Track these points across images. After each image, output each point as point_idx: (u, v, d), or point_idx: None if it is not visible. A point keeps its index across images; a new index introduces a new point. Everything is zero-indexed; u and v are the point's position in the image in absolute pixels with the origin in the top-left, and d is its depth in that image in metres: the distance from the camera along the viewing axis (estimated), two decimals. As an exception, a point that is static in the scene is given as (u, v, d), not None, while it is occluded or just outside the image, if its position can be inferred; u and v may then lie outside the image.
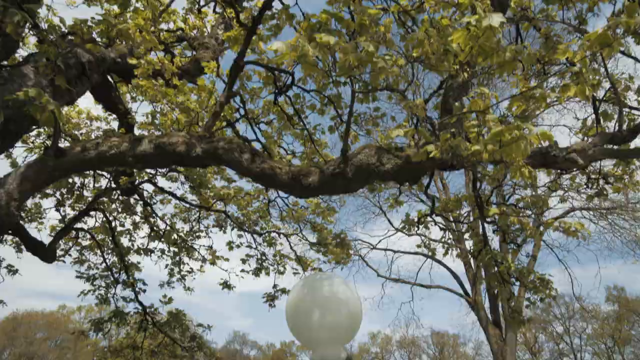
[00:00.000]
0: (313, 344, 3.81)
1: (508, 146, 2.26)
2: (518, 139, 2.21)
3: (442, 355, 56.43)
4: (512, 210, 4.06)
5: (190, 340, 9.26)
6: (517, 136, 2.20)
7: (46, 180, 4.68)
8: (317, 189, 4.29)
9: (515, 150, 2.28)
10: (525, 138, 2.22)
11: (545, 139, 2.27)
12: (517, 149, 2.26)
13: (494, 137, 2.27)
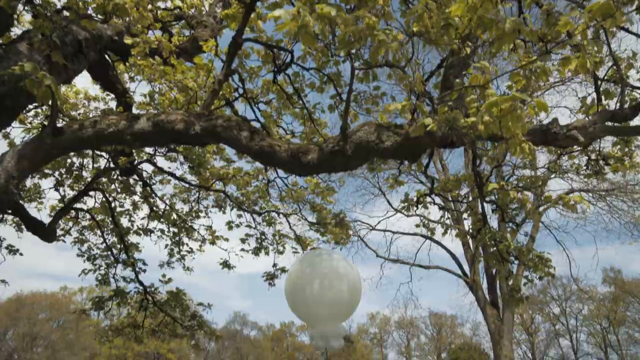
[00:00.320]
0: (312, 320, 3.85)
1: (504, 117, 2.24)
2: (513, 110, 2.19)
3: (440, 335, 57.13)
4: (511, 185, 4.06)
5: (190, 319, 9.34)
6: (513, 107, 2.17)
7: (44, 158, 4.66)
8: (316, 167, 4.28)
9: (511, 122, 2.26)
10: (521, 108, 2.20)
11: (540, 109, 2.24)
12: (513, 119, 2.24)
13: (489, 107, 2.25)
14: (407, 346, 57.64)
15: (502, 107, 2.21)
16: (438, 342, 56.62)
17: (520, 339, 54.01)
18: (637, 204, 15.38)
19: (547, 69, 2.51)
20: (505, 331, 16.04)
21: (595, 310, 49.97)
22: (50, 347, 54.99)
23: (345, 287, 3.70)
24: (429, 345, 57.79)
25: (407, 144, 3.86)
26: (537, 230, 17.16)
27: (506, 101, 2.19)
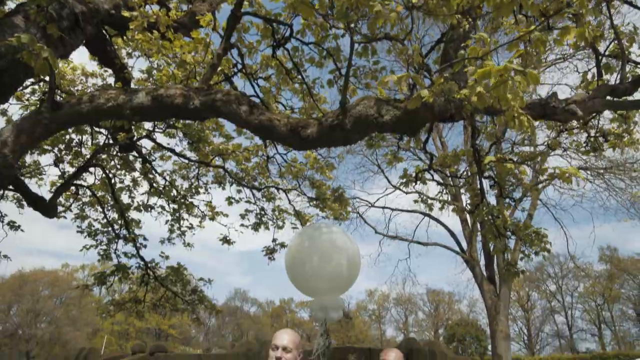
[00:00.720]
0: (312, 292, 3.91)
1: (496, 88, 2.24)
2: (506, 80, 2.19)
3: (438, 312, 57.96)
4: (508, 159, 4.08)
5: (191, 293, 9.46)
6: (506, 77, 2.17)
7: (43, 133, 4.65)
8: (315, 141, 4.28)
9: (504, 92, 2.26)
10: (514, 79, 2.20)
11: (532, 81, 2.24)
12: (504, 89, 2.24)
13: (482, 77, 2.25)
14: (405, 322, 58.53)
15: (495, 77, 2.22)
16: (435, 318, 57.47)
17: (517, 315, 54.92)
18: (635, 182, 15.43)
19: (544, 39, 2.50)
20: (501, 307, 16.27)
21: (591, 288, 50.68)
22: (54, 323, 55.81)
23: (344, 260, 3.75)
24: (427, 321, 58.69)
25: (406, 118, 3.86)
26: (534, 208, 17.25)
27: (499, 71, 2.20)
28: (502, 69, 2.37)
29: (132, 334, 53.89)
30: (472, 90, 2.39)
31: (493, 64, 2.53)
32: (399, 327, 57.60)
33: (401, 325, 57.95)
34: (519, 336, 54.63)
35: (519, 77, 2.20)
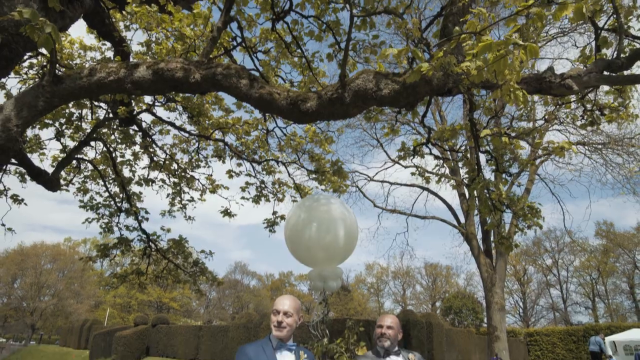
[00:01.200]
0: (311, 262, 4.02)
1: (496, 63, 2.29)
2: (505, 55, 2.23)
3: (435, 285, 58.84)
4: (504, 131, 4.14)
5: (193, 265, 9.63)
6: (505, 52, 2.22)
7: (46, 107, 4.70)
8: (315, 114, 4.34)
9: (503, 67, 2.31)
10: (513, 54, 2.25)
11: (532, 54, 2.29)
12: (504, 64, 2.29)
13: (482, 51, 2.29)
14: (403, 295, 59.45)
15: (495, 51, 2.26)
16: (433, 291, 58.38)
17: (513, 288, 55.83)
18: (632, 157, 15.50)
19: (543, 14, 2.53)
20: (497, 279, 16.57)
21: (586, 262, 51.40)
22: (57, 296, 56.71)
23: (342, 230, 3.85)
24: (424, 294, 59.63)
25: (404, 92, 3.91)
26: (532, 183, 17.37)
27: (499, 45, 2.24)
28: (501, 43, 2.41)
29: (134, 306, 54.78)
30: (471, 63, 2.45)
31: (491, 39, 2.57)
32: (397, 300, 58.57)
33: (399, 298, 58.90)
34: (514, 309, 55.68)
35: (519, 50, 2.25)
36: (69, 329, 44.43)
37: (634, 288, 49.65)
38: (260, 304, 58.69)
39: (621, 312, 50.95)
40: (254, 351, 2.52)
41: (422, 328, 22.37)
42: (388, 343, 3.06)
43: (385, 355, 3.07)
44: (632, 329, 28.50)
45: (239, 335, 24.77)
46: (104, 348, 32.25)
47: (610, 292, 51.92)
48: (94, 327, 38.64)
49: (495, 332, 16.10)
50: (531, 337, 37.09)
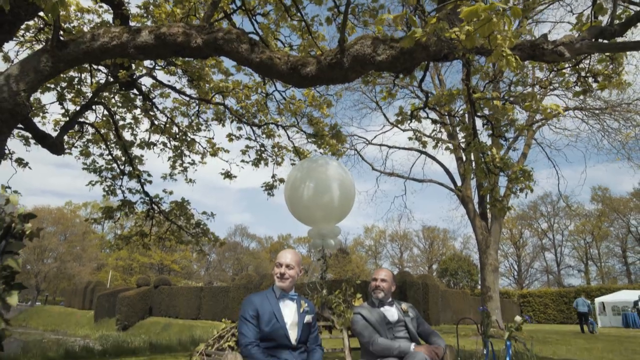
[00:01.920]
0: (310, 220, 4.23)
1: (481, 28, 2.40)
2: (490, 18, 2.34)
3: (432, 248, 59.82)
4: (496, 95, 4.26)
5: (195, 226, 9.89)
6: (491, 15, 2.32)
7: (51, 72, 4.79)
8: (314, 79, 4.46)
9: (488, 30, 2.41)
10: (499, 14, 2.35)
11: (515, 16, 2.40)
12: (489, 29, 2.39)
13: (469, 16, 2.39)
14: (400, 258, 60.50)
15: (482, 15, 2.37)
16: (430, 254, 59.41)
17: (508, 252, 56.90)
18: (629, 123, 15.57)
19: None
20: (492, 242, 16.93)
21: (581, 226, 52.20)
22: (59, 259, 57.64)
23: (339, 190, 4.03)
24: (421, 257, 60.71)
25: (401, 57, 4.02)
26: (529, 147, 17.49)
27: (485, 9, 2.35)
28: (488, 7, 2.52)
29: (135, 269, 55.77)
30: (461, 29, 2.56)
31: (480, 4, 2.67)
32: (394, 263, 59.63)
33: (396, 261, 59.96)
34: (509, 272, 56.91)
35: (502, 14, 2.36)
36: (73, 290, 45.47)
37: (627, 252, 50.63)
38: (259, 266, 59.75)
39: (612, 275, 52.14)
40: (259, 300, 2.75)
41: (418, 289, 23.04)
42: (382, 294, 3.30)
43: (379, 305, 3.31)
44: (621, 290, 29.31)
45: (239, 296, 25.46)
46: (108, 308, 33.16)
47: (603, 255, 53.00)
48: (97, 289, 39.58)
49: (488, 292, 16.58)
50: (524, 298, 38.15)
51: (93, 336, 21.43)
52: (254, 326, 2.62)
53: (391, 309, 3.32)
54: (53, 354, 9.26)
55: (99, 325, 31.23)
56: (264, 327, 2.63)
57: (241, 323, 2.66)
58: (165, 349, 10.92)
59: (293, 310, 2.77)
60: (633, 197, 48.69)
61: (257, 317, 2.65)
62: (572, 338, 15.01)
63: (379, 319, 3.20)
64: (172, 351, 10.53)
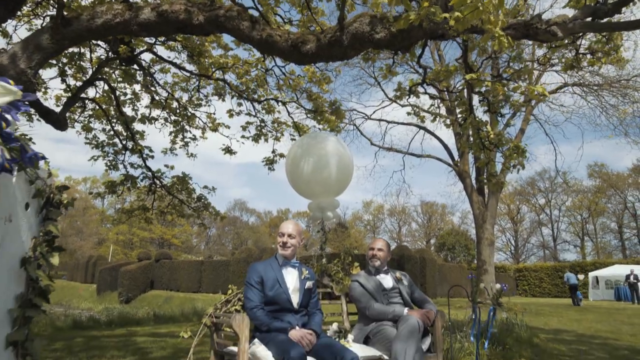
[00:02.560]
0: (310, 194, 4.41)
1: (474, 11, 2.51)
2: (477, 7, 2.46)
3: (430, 223, 60.38)
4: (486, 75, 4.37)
5: (196, 201, 10.07)
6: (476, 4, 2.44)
7: (56, 49, 4.87)
8: (314, 56, 4.56)
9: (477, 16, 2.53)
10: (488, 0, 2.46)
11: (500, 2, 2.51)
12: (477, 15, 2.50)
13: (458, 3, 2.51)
14: (399, 232, 61.12)
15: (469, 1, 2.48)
16: (428, 228, 59.99)
17: (506, 227, 57.49)
18: (627, 99, 15.63)
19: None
20: (488, 216, 17.21)
21: (578, 202, 52.63)
22: (61, 234, 58.01)
23: (338, 165, 4.20)
24: (420, 231, 61.33)
25: (399, 36, 4.12)
26: (527, 123, 17.60)
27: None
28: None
29: (136, 243, 56.33)
30: (452, 14, 2.68)
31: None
32: (393, 237, 60.23)
33: (395, 235, 60.57)
34: (506, 246, 57.65)
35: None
36: (75, 264, 45.99)
37: (622, 227, 51.20)
38: (259, 240, 60.34)
39: (608, 250, 52.85)
40: (263, 267, 2.96)
41: (416, 263, 23.44)
42: (378, 263, 3.51)
43: (375, 273, 3.53)
44: (614, 265, 29.84)
45: (239, 269, 25.88)
46: (110, 282, 33.67)
47: (599, 231, 53.62)
48: (99, 263, 40.05)
49: (484, 265, 16.94)
50: (520, 272, 38.82)
51: (96, 309, 21.89)
52: (259, 291, 2.84)
53: (386, 277, 3.53)
54: (61, 324, 9.56)
55: (101, 299, 31.78)
56: (267, 292, 2.85)
57: (247, 288, 2.87)
58: (168, 319, 11.26)
59: (295, 277, 2.99)
60: (632, 173, 48.95)
61: (261, 283, 2.86)
62: (564, 310, 15.43)
63: (375, 286, 3.41)
64: (175, 322, 10.86)
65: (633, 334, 8.40)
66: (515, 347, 5.44)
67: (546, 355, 5.63)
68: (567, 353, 6.07)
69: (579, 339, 7.73)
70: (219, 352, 2.95)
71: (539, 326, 9.64)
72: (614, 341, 7.47)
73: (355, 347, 2.92)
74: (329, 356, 2.64)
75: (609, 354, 6.10)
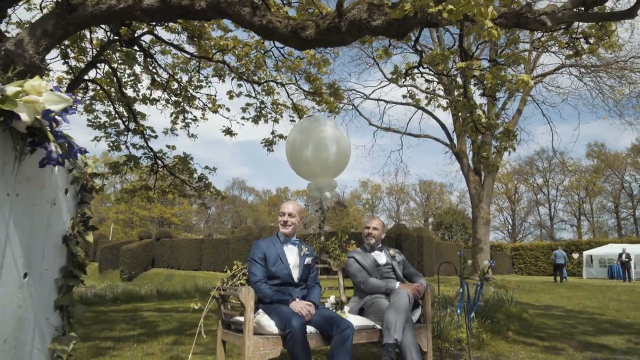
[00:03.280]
0: (309, 175, 4.62)
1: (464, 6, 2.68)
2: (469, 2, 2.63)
3: (429, 202, 60.77)
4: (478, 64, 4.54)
5: (198, 180, 10.29)
6: None
7: (62, 34, 5.02)
8: (313, 42, 4.73)
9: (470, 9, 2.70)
10: None
11: None
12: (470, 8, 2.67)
13: None
14: (397, 211, 61.55)
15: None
16: (426, 207, 60.40)
17: (503, 206, 57.96)
18: (624, 81, 15.73)
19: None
20: (484, 196, 17.48)
21: (576, 182, 52.97)
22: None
23: (336, 148, 4.41)
24: (418, 210, 61.74)
25: (395, 23, 4.27)
26: (524, 104, 17.73)
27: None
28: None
29: (136, 222, 56.70)
30: (445, 7, 2.85)
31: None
32: (391, 216, 60.68)
33: (393, 214, 61.01)
34: (504, 225, 58.21)
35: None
36: (76, 242, 46.32)
37: (619, 207, 51.66)
38: (258, 219, 60.77)
39: (604, 230, 53.42)
40: (265, 244, 3.20)
41: (413, 241, 23.81)
42: (373, 241, 3.76)
43: (370, 250, 3.78)
44: (608, 244, 30.30)
45: (239, 248, 26.26)
46: (112, 260, 34.13)
47: (596, 210, 54.12)
48: (100, 242, 40.47)
49: (479, 244, 17.29)
50: (516, 251, 39.36)
51: (99, 286, 22.29)
52: (262, 266, 3.08)
53: (381, 253, 3.78)
54: (67, 299, 9.83)
55: (103, 276, 32.26)
56: (270, 268, 3.09)
57: (251, 264, 3.11)
58: (171, 296, 11.58)
59: (295, 254, 3.23)
60: (631, 153, 49.16)
61: (264, 259, 3.11)
62: (556, 287, 15.82)
63: (370, 262, 3.66)
64: (177, 298, 11.18)
65: (618, 310, 8.73)
66: (503, 321, 5.73)
67: (533, 329, 5.92)
68: (553, 327, 6.37)
69: (567, 314, 8.05)
70: (226, 321, 3.21)
71: (530, 302, 9.97)
72: (600, 316, 7.79)
73: (351, 318, 3.17)
74: (326, 325, 2.92)
75: (593, 327, 6.41)
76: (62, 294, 1.43)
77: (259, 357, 2.71)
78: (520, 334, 5.39)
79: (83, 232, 1.50)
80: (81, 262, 1.49)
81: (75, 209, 1.50)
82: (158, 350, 4.37)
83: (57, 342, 1.40)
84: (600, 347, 4.90)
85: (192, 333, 5.18)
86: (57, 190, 1.38)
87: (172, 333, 5.32)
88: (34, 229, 1.27)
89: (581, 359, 4.31)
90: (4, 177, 1.13)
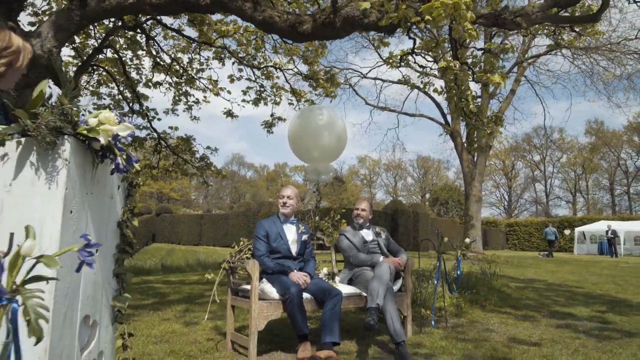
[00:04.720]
0: (308, 159, 5.10)
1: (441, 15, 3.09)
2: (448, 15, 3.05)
3: (426, 178, 61.32)
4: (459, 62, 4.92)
5: (200, 160, 10.75)
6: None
7: (76, 28, 5.42)
8: (310, 36, 5.14)
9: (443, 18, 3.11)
10: None
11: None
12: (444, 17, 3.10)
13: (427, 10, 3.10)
14: (395, 187, 62.14)
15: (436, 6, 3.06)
16: (423, 183, 60.97)
17: (500, 182, 58.60)
18: (615, 63, 16.03)
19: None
20: (476, 174, 17.99)
21: (573, 159, 53.48)
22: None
23: (333, 136, 4.87)
24: (415, 186, 62.33)
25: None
26: (518, 84, 18.07)
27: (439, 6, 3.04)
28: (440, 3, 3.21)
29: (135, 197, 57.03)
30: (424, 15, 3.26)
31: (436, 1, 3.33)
32: (389, 192, 61.32)
33: (390, 190, 61.60)
34: (500, 202, 58.95)
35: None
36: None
37: (614, 184, 52.33)
38: (256, 194, 61.32)
39: (599, 207, 54.18)
40: (267, 223, 3.71)
41: (409, 217, 24.41)
42: (361, 220, 4.28)
43: (359, 228, 4.30)
44: (601, 221, 31.00)
45: (238, 223, 26.87)
46: (113, 234, 34.71)
47: (592, 187, 54.82)
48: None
49: (471, 221, 17.87)
50: (511, 227, 40.10)
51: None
52: (265, 242, 3.61)
53: (368, 231, 4.30)
54: (78, 272, 10.37)
55: (105, 250, 32.86)
56: (272, 243, 3.62)
57: (255, 240, 3.63)
58: (175, 269, 12.16)
59: (293, 231, 3.76)
60: (627, 131, 49.55)
61: (267, 236, 3.63)
62: (543, 263, 16.48)
63: (358, 239, 4.18)
64: (181, 271, 11.75)
65: (595, 283, 9.32)
66: (483, 293, 6.27)
67: (511, 300, 6.48)
68: (531, 298, 6.93)
69: (548, 287, 8.62)
70: (234, 289, 3.75)
71: (515, 276, 10.56)
72: (577, 289, 8.37)
73: (341, 287, 3.74)
74: (320, 293, 3.46)
75: (567, 299, 6.98)
76: (118, 265, 1.92)
77: (263, 317, 3.27)
78: (497, 305, 5.93)
79: (130, 218, 1.98)
80: (130, 241, 1.98)
81: (124, 200, 1.98)
82: (172, 316, 4.91)
83: (116, 300, 1.89)
84: (566, 315, 5.46)
85: (200, 302, 5.73)
86: (114, 187, 1.85)
87: (182, 302, 5.87)
88: (101, 217, 1.74)
89: (545, 324, 4.86)
90: (85, 181, 1.60)
